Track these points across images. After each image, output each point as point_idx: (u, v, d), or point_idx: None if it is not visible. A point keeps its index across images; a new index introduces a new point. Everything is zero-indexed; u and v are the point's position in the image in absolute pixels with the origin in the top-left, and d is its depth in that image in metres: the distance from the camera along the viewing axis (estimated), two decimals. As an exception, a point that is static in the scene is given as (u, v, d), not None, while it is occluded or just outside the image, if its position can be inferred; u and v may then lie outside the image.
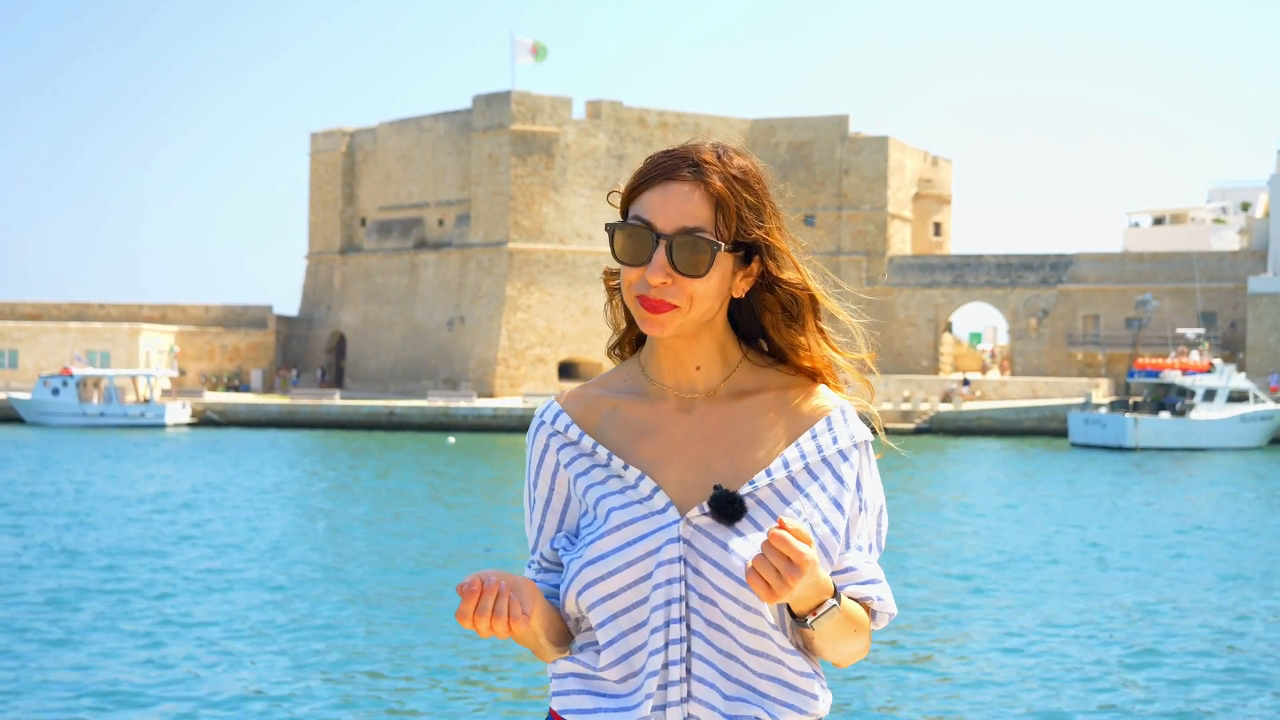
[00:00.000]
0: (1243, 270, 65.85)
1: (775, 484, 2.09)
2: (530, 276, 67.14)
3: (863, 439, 2.16)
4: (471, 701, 12.17)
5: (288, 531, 24.38)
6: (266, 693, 12.39)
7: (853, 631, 2.08)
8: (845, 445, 2.14)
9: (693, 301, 2.08)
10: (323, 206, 76.39)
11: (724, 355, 2.18)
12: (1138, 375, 52.60)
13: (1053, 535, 24.43)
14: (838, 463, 2.13)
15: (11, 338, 67.73)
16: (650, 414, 2.17)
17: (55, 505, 27.68)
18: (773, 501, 2.08)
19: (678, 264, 2.06)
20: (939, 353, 69.86)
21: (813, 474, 2.11)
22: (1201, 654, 14.38)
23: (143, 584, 18.22)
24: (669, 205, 2.08)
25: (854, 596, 2.10)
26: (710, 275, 2.07)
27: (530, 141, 67.07)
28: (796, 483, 2.10)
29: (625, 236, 2.09)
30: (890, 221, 71.32)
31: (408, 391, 67.32)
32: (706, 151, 2.12)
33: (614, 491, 2.12)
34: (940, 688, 12.81)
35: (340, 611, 16.51)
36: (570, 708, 2.12)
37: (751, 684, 2.07)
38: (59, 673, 13.00)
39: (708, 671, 2.05)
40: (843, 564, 2.11)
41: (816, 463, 2.12)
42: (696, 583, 2.05)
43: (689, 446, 2.14)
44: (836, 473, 2.13)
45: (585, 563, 2.09)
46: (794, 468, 2.10)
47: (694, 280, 2.07)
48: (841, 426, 2.15)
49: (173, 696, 12.17)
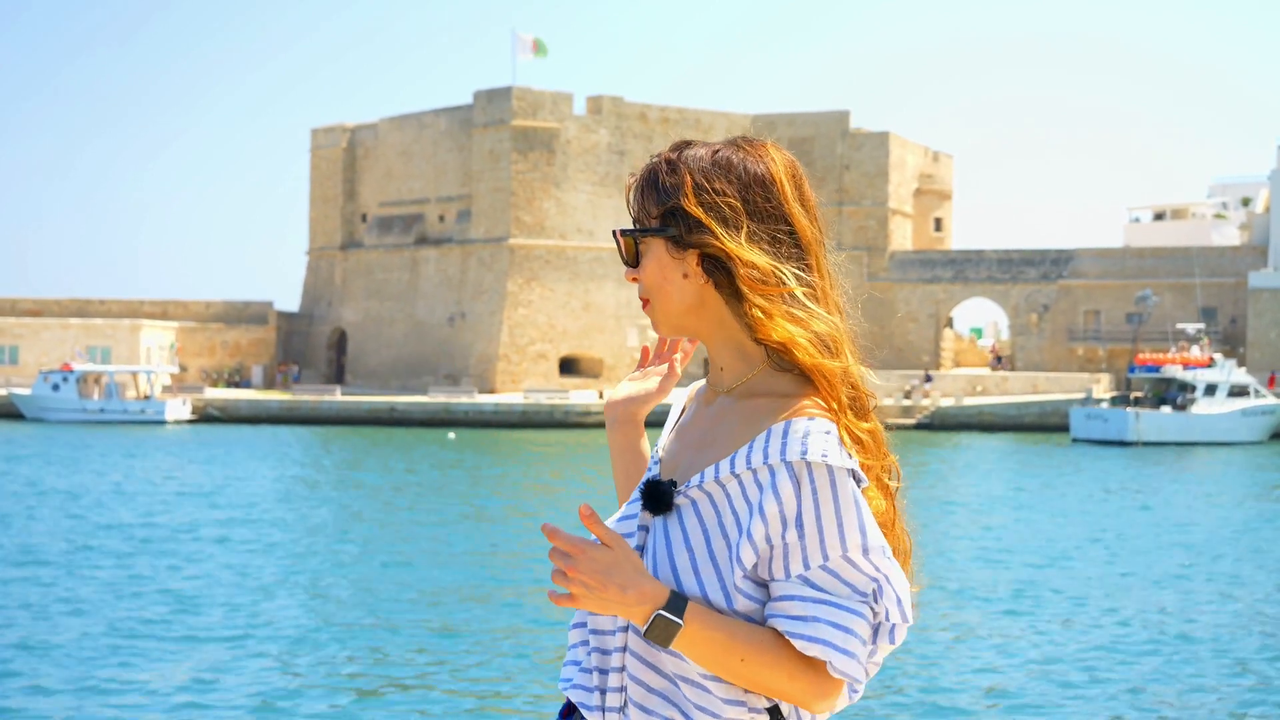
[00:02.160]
0: (1243, 265, 65.84)
1: (705, 487, 2.06)
2: (531, 272, 67.12)
3: (807, 460, 1.97)
4: (486, 697, 12.16)
5: (290, 527, 24.38)
6: (267, 692, 12.39)
7: (739, 661, 1.97)
8: (774, 461, 1.99)
9: (652, 292, 2.16)
10: (324, 202, 76.36)
11: (744, 356, 2.15)
12: (1139, 370, 52.60)
13: (1055, 533, 24.42)
14: (762, 476, 2.00)
15: (12, 334, 67.74)
16: (693, 411, 2.26)
17: (55, 501, 27.67)
18: (703, 503, 2.06)
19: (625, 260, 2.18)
20: (940, 348, 69.87)
21: (724, 487, 2.04)
22: (1220, 651, 14.37)
23: (144, 584, 18.22)
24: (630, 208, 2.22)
25: (781, 630, 1.99)
26: (645, 263, 2.15)
27: (531, 137, 67.03)
28: (725, 488, 2.05)
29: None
30: (891, 217, 71.29)
31: (409, 387, 67.33)
32: (664, 152, 2.18)
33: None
34: (941, 689, 12.81)
35: (348, 610, 16.51)
36: (561, 677, 2.21)
37: (672, 680, 2.06)
38: (59, 673, 13.00)
39: (636, 665, 2.08)
40: (775, 593, 2.00)
41: (732, 475, 2.04)
42: None
43: (689, 444, 2.18)
44: (749, 488, 2.02)
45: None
46: (722, 474, 2.04)
47: (644, 270, 2.16)
48: (777, 441, 2.00)
49: (173, 697, 12.16)
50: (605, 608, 1.96)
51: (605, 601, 1.95)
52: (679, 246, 2.11)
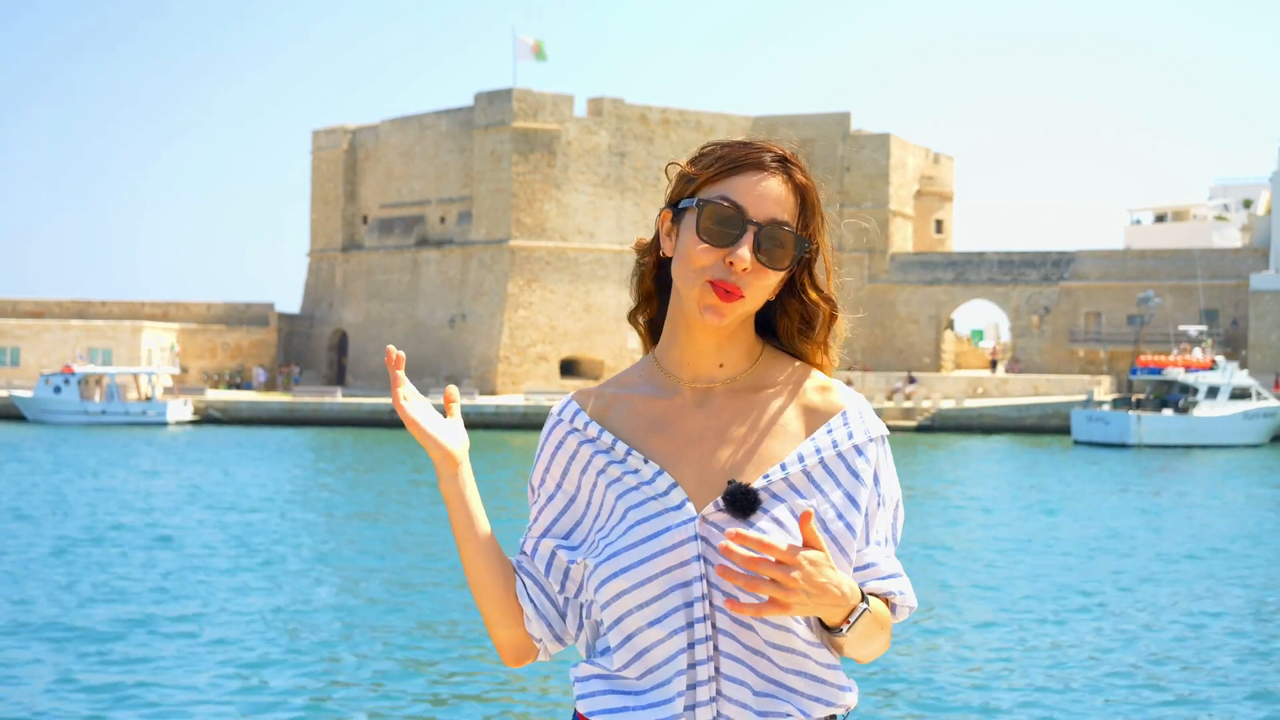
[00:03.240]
0: (1244, 267, 65.83)
1: (790, 478, 2.06)
2: (532, 274, 67.13)
3: (879, 434, 2.12)
4: (492, 705, 12.16)
5: (292, 528, 24.38)
6: (267, 694, 12.38)
7: (879, 630, 2.05)
8: (861, 440, 2.10)
9: (758, 295, 2.08)
10: (324, 204, 76.39)
11: (749, 351, 2.17)
12: (1140, 372, 52.57)
13: (1058, 534, 24.41)
14: (853, 458, 2.09)
15: (13, 335, 67.76)
16: (664, 408, 2.15)
17: (56, 501, 27.68)
18: (789, 496, 2.05)
19: (763, 254, 2.04)
20: (941, 350, 69.86)
21: (828, 469, 2.08)
22: (1225, 654, 14.36)
23: (144, 582, 18.22)
24: (763, 195, 2.06)
25: (875, 592, 2.08)
26: (796, 267, 2.12)
27: (532, 139, 67.05)
28: (812, 478, 2.07)
29: (715, 216, 2.05)
30: (892, 219, 71.27)
31: (410, 389, 67.29)
32: (787, 149, 2.12)
33: (630, 489, 2.10)
34: (941, 692, 12.80)
35: (352, 616, 16.50)
36: (597, 709, 2.08)
37: (780, 679, 2.05)
38: (59, 672, 12.99)
39: (737, 669, 2.03)
40: (862, 560, 2.09)
41: (832, 458, 2.08)
42: (719, 581, 2.02)
43: (703, 441, 2.11)
44: (852, 468, 2.09)
45: (601, 559, 2.08)
46: (809, 462, 2.07)
47: (770, 273, 2.06)
48: (857, 422, 2.11)
49: (173, 696, 12.16)
50: (813, 611, 1.92)
51: (820, 605, 1.91)
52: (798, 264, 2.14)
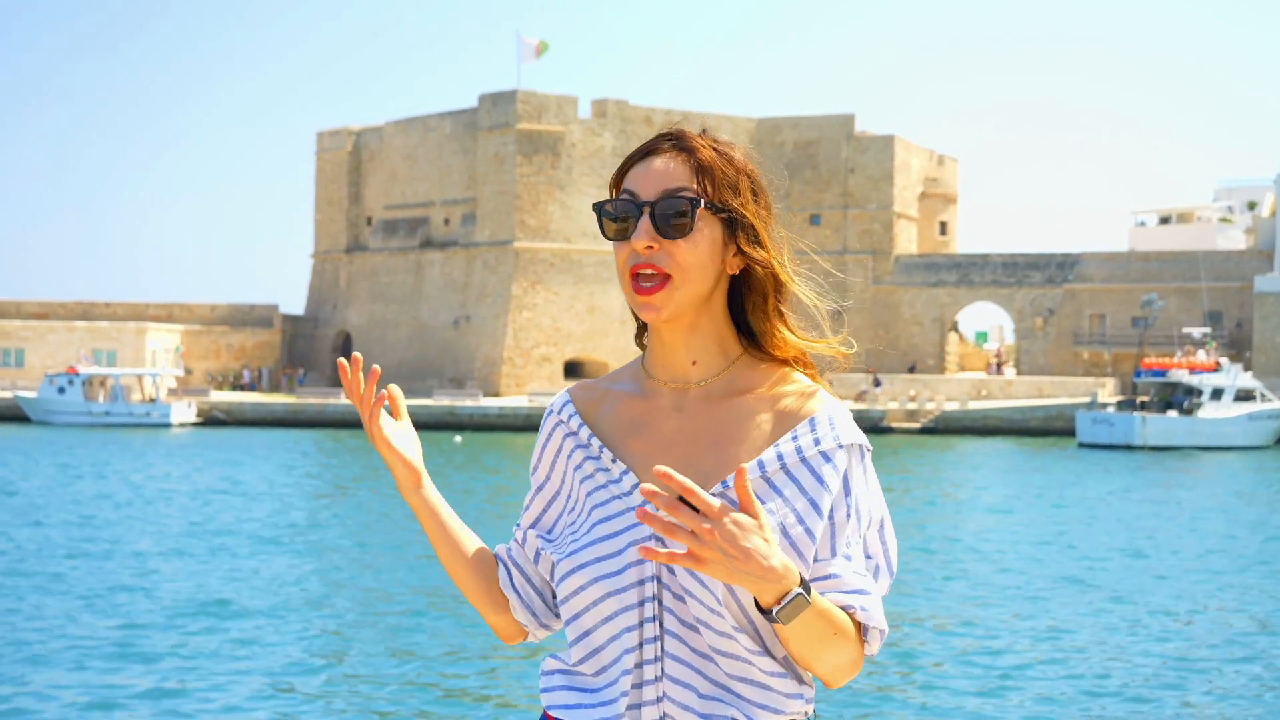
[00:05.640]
0: (1249, 269, 65.76)
1: (751, 483, 2.03)
2: (536, 275, 67.14)
3: (850, 442, 2.06)
4: (471, 701, 12.14)
5: (299, 530, 24.38)
6: (269, 692, 12.37)
7: (833, 635, 1.95)
8: (829, 447, 2.04)
9: (685, 271, 2.04)
10: (328, 205, 76.44)
11: (722, 348, 2.15)
12: (1145, 374, 52.55)
13: (1063, 534, 24.38)
14: (818, 464, 2.04)
15: (18, 336, 67.81)
16: (644, 411, 2.16)
17: (58, 503, 27.69)
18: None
19: (660, 226, 2.04)
20: (945, 352, 69.82)
21: (790, 475, 2.04)
22: (1234, 659, 14.33)
23: (145, 583, 18.22)
24: (650, 174, 2.08)
25: (839, 604, 2.01)
26: (696, 238, 2.05)
27: (536, 140, 67.06)
28: (773, 484, 2.04)
29: (611, 213, 2.08)
30: (896, 221, 71.24)
31: (413, 391, 67.30)
32: (690, 130, 2.14)
33: (599, 486, 2.12)
34: (942, 693, 12.78)
35: (343, 615, 16.50)
36: (556, 703, 2.12)
37: (726, 684, 2.03)
38: (59, 673, 12.99)
39: (683, 671, 2.02)
40: (824, 570, 2.02)
41: (795, 464, 2.04)
42: (670, 581, 2.02)
43: (677, 445, 2.11)
44: (817, 474, 2.04)
45: (563, 554, 2.11)
46: (769, 469, 2.04)
47: (680, 243, 2.04)
48: (825, 428, 2.05)
49: (173, 696, 12.15)
50: (733, 578, 1.83)
51: (739, 573, 1.82)
52: (731, 236, 2.09)
